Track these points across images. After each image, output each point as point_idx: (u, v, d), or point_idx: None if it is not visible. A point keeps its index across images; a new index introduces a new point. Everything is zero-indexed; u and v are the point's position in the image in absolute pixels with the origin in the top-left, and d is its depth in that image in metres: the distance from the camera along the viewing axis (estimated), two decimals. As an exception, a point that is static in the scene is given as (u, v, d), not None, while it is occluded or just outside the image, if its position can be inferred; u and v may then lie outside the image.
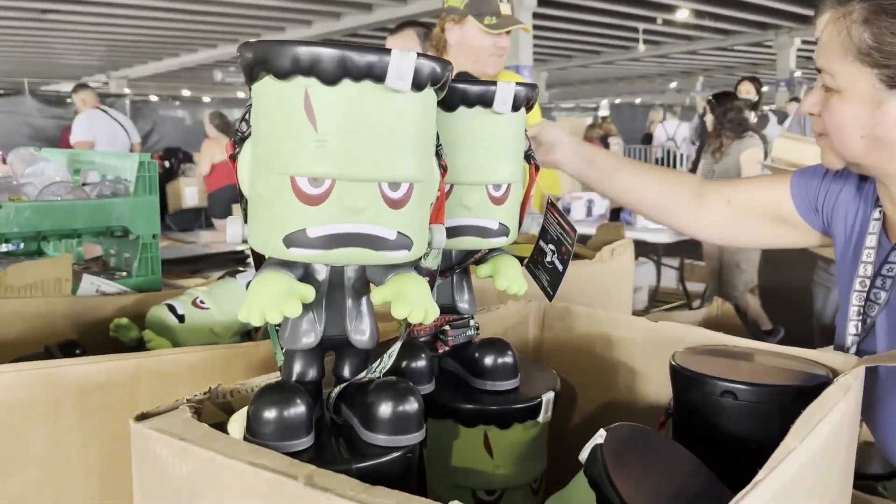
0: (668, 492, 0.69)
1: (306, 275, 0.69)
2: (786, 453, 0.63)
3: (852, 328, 1.02)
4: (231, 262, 3.18)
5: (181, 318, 1.24)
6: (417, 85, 0.62)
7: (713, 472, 0.78)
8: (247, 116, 0.68)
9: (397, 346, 0.73)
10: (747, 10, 12.77)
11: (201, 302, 1.27)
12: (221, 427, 0.70)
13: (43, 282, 1.24)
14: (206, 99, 13.86)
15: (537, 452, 0.88)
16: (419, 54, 0.62)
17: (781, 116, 8.98)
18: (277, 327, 0.75)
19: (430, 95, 0.66)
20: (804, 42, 15.34)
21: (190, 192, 6.02)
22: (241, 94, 18.78)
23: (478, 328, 0.90)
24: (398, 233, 0.64)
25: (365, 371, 0.71)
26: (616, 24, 13.19)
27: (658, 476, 0.70)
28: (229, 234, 0.67)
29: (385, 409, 0.67)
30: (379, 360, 0.72)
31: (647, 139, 11.51)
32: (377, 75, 0.60)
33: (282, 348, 0.76)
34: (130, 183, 1.45)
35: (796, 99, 10.50)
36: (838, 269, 1.10)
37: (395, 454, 0.67)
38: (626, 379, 1.10)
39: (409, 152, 0.64)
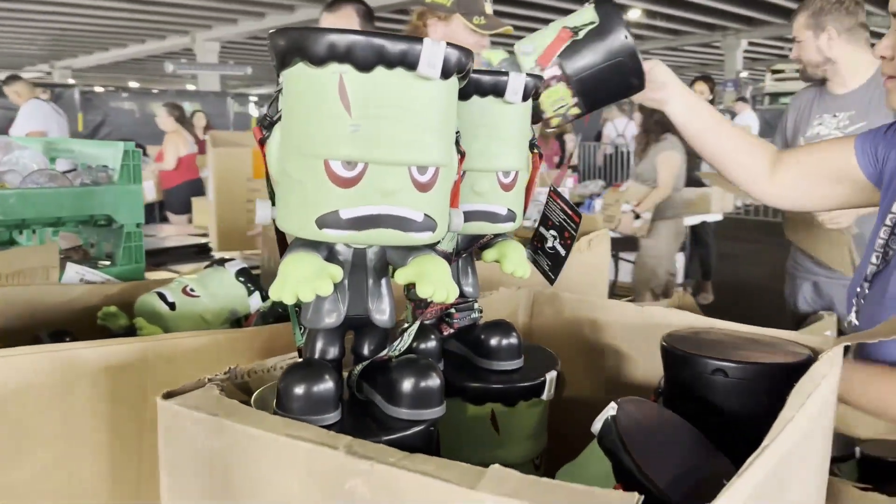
0: (676, 459, 0.73)
1: (330, 256, 0.71)
2: (785, 423, 0.68)
3: (874, 258, 1.10)
4: (194, 255, 3.16)
5: (172, 306, 1.24)
6: (445, 73, 0.65)
7: (706, 445, 0.82)
8: (275, 102, 0.69)
9: (416, 326, 0.75)
10: (697, 12, 13.08)
11: (191, 290, 1.28)
12: (242, 406, 0.72)
13: (31, 269, 1.23)
14: (156, 91, 13.62)
15: (540, 429, 0.92)
16: (448, 44, 0.65)
17: (731, 115, 9.22)
18: (297, 308, 0.77)
19: (454, 83, 0.69)
20: (751, 44, 15.77)
21: (148, 186, 5.91)
22: (190, 87, 18.47)
23: (481, 311, 0.94)
24: (425, 215, 0.67)
25: (386, 349, 0.74)
26: (569, 23, 13.34)
27: (665, 445, 0.75)
28: (259, 215, 0.69)
29: (409, 384, 0.70)
30: (399, 339, 0.74)
31: (600, 137, 11.68)
32: (410, 63, 0.63)
33: (301, 328, 0.78)
34: (114, 172, 1.44)
35: (743, 98, 10.80)
36: (880, 212, 1.17)
37: (419, 427, 0.70)
38: (614, 361, 1.15)
39: (437, 137, 0.67)
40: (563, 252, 0.94)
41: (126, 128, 9.63)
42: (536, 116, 1.10)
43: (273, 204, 0.70)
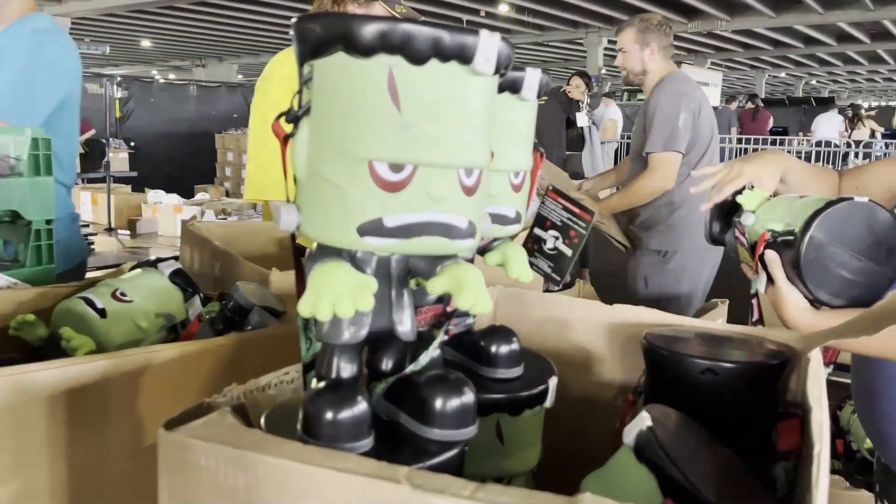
0: (706, 463, 0.72)
1: (353, 264, 0.65)
2: (821, 425, 0.69)
3: None
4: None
5: (102, 313, 1.12)
6: (496, 68, 0.60)
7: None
8: (300, 94, 0.62)
9: (440, 338, 0.70)
10: (562, 9, 13.50)
11: (122, 294, 1.16)
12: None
13: (-70, 274, 1.07)
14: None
15: (539, 437, 0.89)
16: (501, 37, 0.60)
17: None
18: (305, 320, 0.70)
19: (497, 80, 0.64)
20: (610, 41, 16.47)
21: None
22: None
23: (475, 316, 0.90)
24: (468, 221, 0.62)
25: (413, 364, 0.68)
26: (441, 14, 13.44)
27: (693, 450, 0.74)
28: (284, 221, 0.62)
29: (442, 402, 0.65)
30: (425, 352, 0.69)
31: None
32: (466, 56, 0.58)
33: (308, 342, 0.71)
34: (18, 161, 1.28)
35: (608, 94, 11.26)
36: None
37: (455, 450, 0.65)
38: (584, 360, 1.14)
39: (483, 137, 0.62)
40: (568, 252, 0.91)
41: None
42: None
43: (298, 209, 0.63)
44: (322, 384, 0.64)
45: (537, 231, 0.94)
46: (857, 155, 9.16)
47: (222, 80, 14.81)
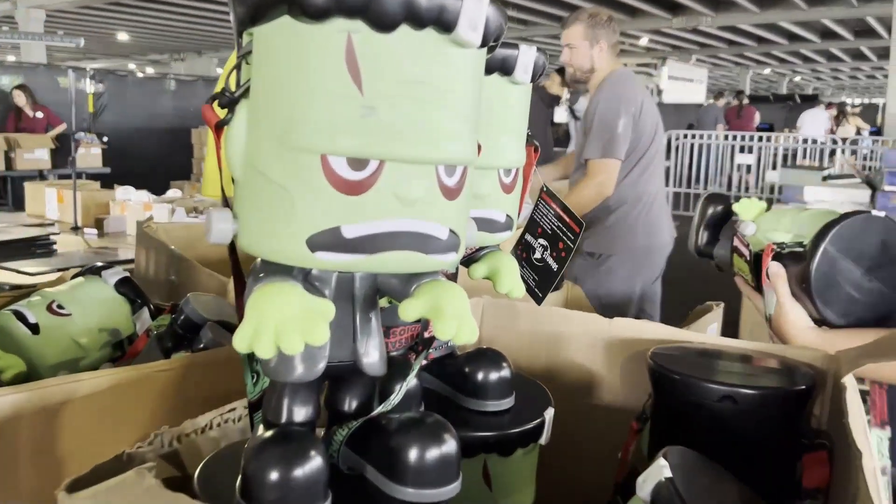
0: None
1: (306, 284, 0.52)
2: (874, 474, 0.57)
3: None
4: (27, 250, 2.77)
5: (34, 329, 0.99)
6: (484, 39, 0.48)
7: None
8: (238, 70, 0.49)
9: (416, 368, 0.58)
10: (546, 4, 13.41)
11: (59, 307, 1.03)
12: (173, 487, 0.52)
13: None
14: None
15: (533, 479, 0.77)
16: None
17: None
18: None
19: (484, 55, 0.52)
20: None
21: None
22: (11, 58, 16.69)
23: (458, 336, 0.77)
24: (449, 230, 0.50)
25: (382, 404, 0.56)
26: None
27: (714, 499, 0.62)
28: (215, 231, 0.49)
29: (420, 454, 0.53)
30: (398, 389, 0.57)
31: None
32: (446, 22, 0.45)
33: (254, 376, 0.58)
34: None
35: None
36: None
37: (434, 512, 0.53)
38: (580, 380, 1.02)
39: (469, 126, 0.50)
40: (554, 266, 0.79)
41: None
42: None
43: (234, 215, 0.50)
44: (267, 434, 0.52)
45: (528, 237, 0.82)
46: (843, 152, 9.12)
47: (200, 74, 14.56)
